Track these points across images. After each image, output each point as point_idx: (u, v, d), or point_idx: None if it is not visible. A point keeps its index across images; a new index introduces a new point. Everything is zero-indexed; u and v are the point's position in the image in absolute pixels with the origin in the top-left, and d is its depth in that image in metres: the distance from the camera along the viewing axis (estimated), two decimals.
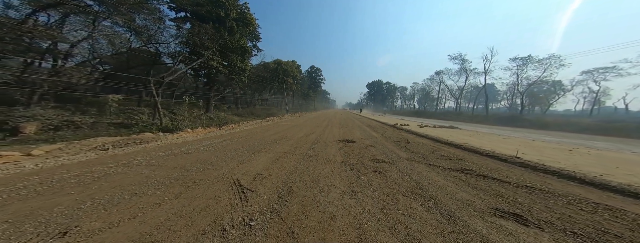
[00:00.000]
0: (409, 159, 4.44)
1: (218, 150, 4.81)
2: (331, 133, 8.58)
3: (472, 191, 2.78)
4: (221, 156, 4.25)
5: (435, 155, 4.85)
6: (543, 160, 4.65)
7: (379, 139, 7.05)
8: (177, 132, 7.87)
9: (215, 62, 14.31)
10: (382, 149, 5.52)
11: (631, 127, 18.92)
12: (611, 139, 13.23)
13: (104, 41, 12.70)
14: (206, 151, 4.64)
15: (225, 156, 4.27)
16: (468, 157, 4.68)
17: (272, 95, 35.59)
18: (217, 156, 4.25)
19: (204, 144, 5.47)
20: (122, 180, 2.86)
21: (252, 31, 22.97)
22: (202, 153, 4.46)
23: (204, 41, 13.61)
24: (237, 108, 23.64)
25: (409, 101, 79.25)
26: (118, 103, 10.30)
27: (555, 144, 8.55)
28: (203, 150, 4.75)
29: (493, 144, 7.02)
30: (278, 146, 5.58)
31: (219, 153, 4.52)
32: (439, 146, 5.97)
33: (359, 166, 3.91)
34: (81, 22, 11.01)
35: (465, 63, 40.80)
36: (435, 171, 3.59)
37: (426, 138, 7.63)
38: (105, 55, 12.61)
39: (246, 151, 4.81)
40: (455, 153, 5.07)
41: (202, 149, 4.80)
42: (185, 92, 17.70)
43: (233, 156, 4.30)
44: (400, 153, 5.01)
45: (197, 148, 4.92)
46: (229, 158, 4.19)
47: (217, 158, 4.15)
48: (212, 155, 4.38)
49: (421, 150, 5.37)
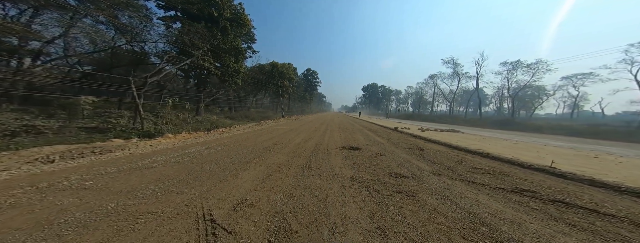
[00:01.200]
0: (436, 173, 3.50)
1: (194, 162, 3.74)
2: (332, 138, 7.61)
3: (575, 234, 1.78)
4: (195, 172, 3.20)
5: (464, 166, 3.94)
6: (586, 172, 3.83)
7: (386, 146, 6.13)
8: (156, 137, 6.70)
9: (206, 63, 13.22)
10: (396, 158, 4.58)
11: (621, 130, 18.90)
12: (610, 144, 12.80)
13: (85, 39, 11.47)
14: (177, 164, 3.56)
15: (201, 171, 3.22)
16: (506, 169, 3.77)
17: (267, 98, 34.49)
18: (190, 172, 3.19)
19: (179, 153, 4.37)
20: (11, 221, 1.76)
21: (247, 32, 22.06)
22: (171, 167, 3.39)
23: (194, 40, 12.55)
24: (230, 110, 22.38)
25: (403, 104, 79.62)
26: (93, 106, 9.02)
27: (570, 149, 7.88)
28: (174, 163, 3.67)
29: (511, 150, 6.23)
30: (272, 155, 4.56)
31: (194, 167, 3.46)
32: (460, 154, 5.07)
33: (375, 183, 2.95)
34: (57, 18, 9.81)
35: (458, 67, 41.18)
36: (483, 192, 2.65)
37: (439, 144, 6.76)
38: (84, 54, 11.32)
39: (231, 163, 3.76)
40: (487, 164, 4.17)
41: (173, 162, 3.72)
42: (175, 94, 16.43)
43: (212, 171, 3.25)
44: (420, 164, 4.07)
45: (167, 160, 3.83)
46: (206, 173, 3.15)
47: (188, 174, 3.09)
48: (184, 169, 3.32)
49: (443, 160, 4.46)
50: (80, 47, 11.69)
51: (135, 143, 5.45)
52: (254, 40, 23.95)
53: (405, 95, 75.18)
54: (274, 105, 33.91)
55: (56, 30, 10.02)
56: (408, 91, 72.09)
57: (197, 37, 12.62)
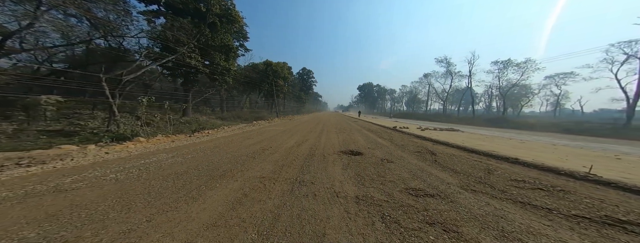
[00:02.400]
0: (467, 188, 2.62)
1: (141, 179, 2.73)
2: (328, 140, 6.69)
3: None
4: (132, 195, 2.20)
5: (497, 177, 3.08)
6: (635, 179, 3.05)
7: (391, 149, 5.24)
8: (125, 142, 5.61)
9: (193, 60, 12.07)
10: (406, 165, 3.70)
11: (607, 128, 18.68)
12: (607, 141, 12.29)
13: (56, 33, 10.15)
14: (112, 183, 2.54)
15: (142, 194, 2.23)
16: (555, 181, 2.88)
17: (262, 98, 33.32)
18: (123, 196, 2.18)
19: (129, 165, 3.33)
20: None
21: (238, 30, 20.90)
22: (98, 189, 2.37)
23: (179, 36, 11.39)
24: (222, 111, 21.16)
25: (397, 103, 79.52)
26: (58, 106, 7.80)
27: (581, 149, 7.22)
28: (109, 181, 2.63)
29: (526, 151, 5.47)
30: (255, 164, 3.60)
31: (136, 187, 2.45)
32: (481, 159, 4.20)
33: (391, 207, 2.05)
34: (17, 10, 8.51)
35: (450, 66, 40.97)
36: (559, 223, 1.74)
37: (449, 145, 5.91)
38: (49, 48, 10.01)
39: (196, 178, 2.79)
40: (523, 173, 3.29)
41: (109, 179, 2.68)
42: (163, 94, 15.18)
43: (159, 193, 2.27)
44: (440, 174, 3.20)
45: (101, 176, 2.80)
46: (149, 197, 2.16)
47: (117, 200, 2.09)
48: (116, 191, 2.31)
49: (465, 168, 3.59)
50: (51, 42, 10.37)
51: (91, 149, 4.39)
52: (246, 38, 22.76)
53: (400, 94, 75.04)
54: (269, 105, 32.78)
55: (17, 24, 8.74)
56: (403, 90, 71.95)
57: (182, 32, 11.47)
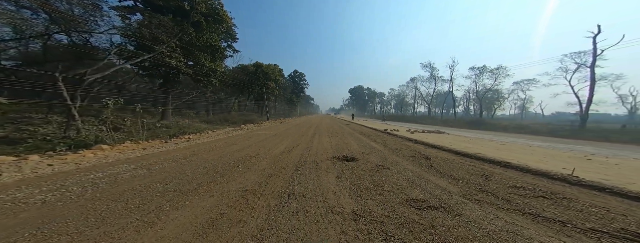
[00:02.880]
0: (470, 197, 2.43)
1: (80, 200, 2.14)
2: (320, 144, 6.36)
3: None
4: (64, 222, 1.67)
5: (496, 183, 2.94)
6: (614, 181, 3.12)
7: (385, 154, 5.05)
8: (83, 151, 4.81)
9: (174, 60, 11.20)
10: (403, 172, 3.48)
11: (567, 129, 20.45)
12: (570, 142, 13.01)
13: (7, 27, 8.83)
14: (35, 209, 1.94)
15: (78, 220, 1.70)
16: (552, 187, 2.79)
17: (252, 100, 32.27)
18: (48, 224, 1.64)
19: (75, 180, 2.71)
20: None
21: (227, 30, 20.14)
22: (14, 217, 1.79)
23: (158, 34, 10.53)
24: (208, 114, 20.01)
25: (386, 106, 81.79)
26: (3, 110, 6.66)
27: (552, 149, 7.62)
28: (35, 204, 2.03)
29: (509, 153, 5.59)
30: (238, 174, 3.17)
31: (72, 210, 1.90)
32: (474, 163, 4.11)
33: (394, 224, 1.77)
34: None
35: (434, 71, 43.10)
36: (578, 239, 1.58)
37: (440, 149, 5.86)
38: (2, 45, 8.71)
39: (158, 195, 2.30)
40: (518, 179, 3.19)
41: (36, 202, 2.07)
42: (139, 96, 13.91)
43: (101, 218, 1.76)
44: (439, 181, 3.01)
45: (29, 196, 2.18)
46: (88, 223, 1.65)
47: (36, 231, 1.56)
48: (42, 216, 1.75)
49: (462, 173, 3.45)
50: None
51: (31, 161, 3.63)
52: (235, 38, 22.01)
53: (389, 97, 77.32)
54: (259, 108, 31.81)
55: None
56: (391, 94, 74.23)
57: (161, 30, 10.63)
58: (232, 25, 20.40)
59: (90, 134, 6.26)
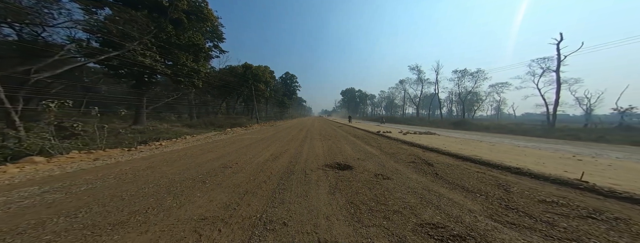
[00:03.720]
0: (501, 220, 1.87)
1: None
2: (312, 149, 5.68)
3: None
4: None
5: (522, 198, 2.43)
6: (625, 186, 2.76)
7: (383, 160, 4.47)
8: (4, 165, 3.77)
9: (148, 59, 10.07)
10: (407, 183, 2.91)
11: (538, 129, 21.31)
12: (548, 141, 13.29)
13: None
14: None
15: None
16: (591, 202, 2.35)
17: (241, 103, 30.93)
18: None
19: None
20: None
21: (212, 29, 19.08)
22: None
23: (129, 30, 9.42)
24: (190, 117, 18.63)
25: (377, 107, 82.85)
26: None
27: (538, 149, 7.48)
28: None
29: (504, 156, 5.28)
30: (198, 194, 2.41)
31: None
32: (481, 170, 3.63)
33: None
34: None
35: (421, 73, 44.23)
36: None
37: (439, 153, 5.38)
38: None
39: (54, 237, 1.51)
40: (539, 189, 2.75)
41: None
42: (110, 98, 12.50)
43: None
44: (454, 197, 2.44)
45: None
46: None
47: None
48: None
49: (473, 183, 2.93)
50: None
51: None
52: (221, 38, 20.94)
53: (379, 99, 78.41)
54: (249, 110, 30.53)
55: None
56: (381, 96, 75.33)
57: (133, 26, 9.53)
58: (218, 24, 19.40)
59: (31, 143, 5.13)
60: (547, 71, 26.22)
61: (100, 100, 12.32)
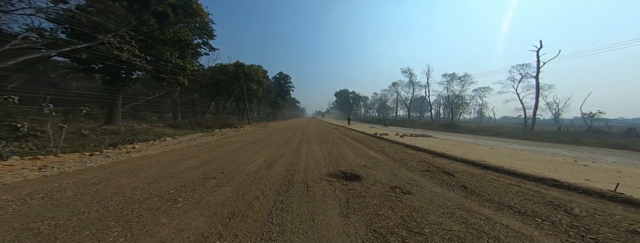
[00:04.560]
0: None
1: None
2: (310, 154, 5.03)
3: None
4: None
5: (597, 223, 1.94)
6: None
7: (393, 167, 3.90)
8: None
9: (125, 53, 8.97)
10: (435, 200, 2.35)
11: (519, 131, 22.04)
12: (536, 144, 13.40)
13: None
14: None
15: None
16: None
17: (232, 102, 29.58)
18: None
19: None
20: None
21: (202, 25, 18.00)
22: None
23: (102, 21, 8.33)
24: (175, 117, 17.30)
25: (370, 109, 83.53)
26: None
27: (535, 154, 7.32)
28: None
29: (510, 161, 4.95)
30: (162, 220, 1.68)
31: None
32: (511, 181, 3.06)
33: None
34: None
35: (413, 76, 45.09)
36: None
37: (450, 159, 4.88)
38: None
39: None
40: (606, 210, 2.33)
41: None
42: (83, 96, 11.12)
43: None
44: (509, 222, 1.88)
45: None
46: None
47: None
48: None
49: (517, 199, 2.39)
50: None
51: None
52: (211, 35, 19.84)
53: (372, 101, 79.14)
54: (240, 111, 29.23)
55: None
56: (374, 98, 76.09)
57: (108, 18, 8.44)
58: (208, 20, 18.33)
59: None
60: (525, 77, 27.40)
61: (70, 97, 10.91)
